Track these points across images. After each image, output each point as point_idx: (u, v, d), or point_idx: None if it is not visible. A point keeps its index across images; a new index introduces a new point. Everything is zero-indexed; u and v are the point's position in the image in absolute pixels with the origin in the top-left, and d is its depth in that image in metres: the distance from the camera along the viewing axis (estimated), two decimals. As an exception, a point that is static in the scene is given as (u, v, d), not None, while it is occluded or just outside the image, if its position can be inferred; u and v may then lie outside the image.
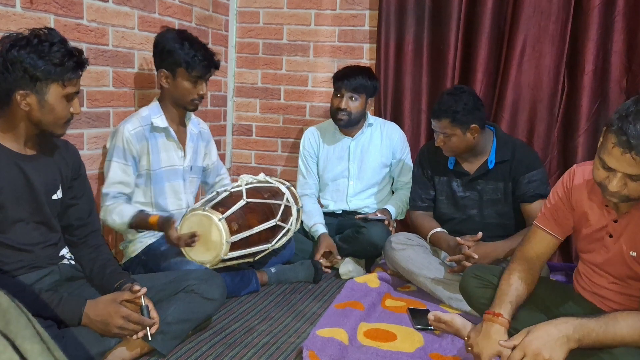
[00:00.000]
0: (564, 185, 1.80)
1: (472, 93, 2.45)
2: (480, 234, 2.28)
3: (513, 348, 1.54)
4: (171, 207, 2.39)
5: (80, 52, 1.65)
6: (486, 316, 1.68)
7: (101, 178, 2.39)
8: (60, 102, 1.61)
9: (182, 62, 2.26)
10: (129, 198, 2.28)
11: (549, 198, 1.87)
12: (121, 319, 1.59)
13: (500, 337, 1.60)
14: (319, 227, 2.79)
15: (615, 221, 1.66)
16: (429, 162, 2.64)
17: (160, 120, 2.32)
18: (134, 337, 1.64)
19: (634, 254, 1.62)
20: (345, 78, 2.80)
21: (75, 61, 1.61)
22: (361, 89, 2.79)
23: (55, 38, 1.60)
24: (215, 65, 2.36)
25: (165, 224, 2.12)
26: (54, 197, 1.73)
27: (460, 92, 2.41)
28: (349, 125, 2.86)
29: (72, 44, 2.21)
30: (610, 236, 1.68)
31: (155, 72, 2.39)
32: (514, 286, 1.74)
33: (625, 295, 1.70)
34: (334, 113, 2.85)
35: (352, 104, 2.79)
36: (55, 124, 1.64)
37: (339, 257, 2.70)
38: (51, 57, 1.56)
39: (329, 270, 2.73)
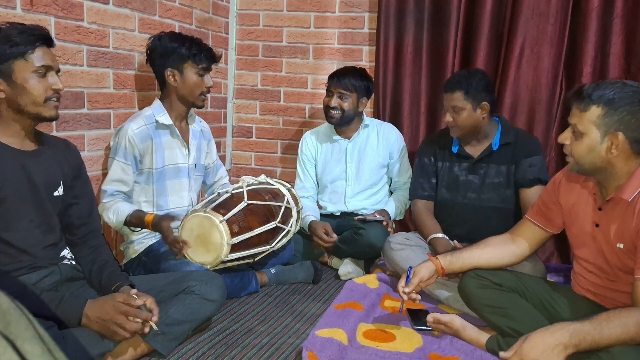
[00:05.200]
0: (555, 182, 1.91)
1: (486, 74, 2.55)
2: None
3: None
4: (172, 205, 2.39)
5: (40, 27, 1.64)
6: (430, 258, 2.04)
7: (103, 179, 2.40)
8: (30, 79, 1.59)
9: (188, 56, 2.32)
10: (127, 196, 2.29)
11: (541, 194, 1.99)
12: (120, 315, 1.59)
13: (428, 270, 1.99)
14: (309, 218, 2.78)
15: (600, 209, 1.72)
16: (432, 148, 2.68)
17: (165, 118, 2.35)
18: (139, 331, 1.62)
19: (621, 245, 1.66)
20: (335, 76, 2.85)
21: (32, 34, 1.60)
22: (351, 87, 2.80)
23: (15, 24, 1.61)
24: (218, 56, 2.44)
25: (158, 224, 2.12)
26: (56, 193, 1.73)
27: (475, 71, 2.54)
28: (341, 123, 2.88)
29: (73, 45, 2.22)
30: (597, 225, 1.73)
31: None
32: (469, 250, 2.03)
33: (620, 292, 1.72)
34: (325, 111, 2.89)
35: (341, 102, 2.81)
36: (36, 104, 1.61)
37: (335, 236, 2.68)
38: (7, 37, 1.57)
39: (332, 241, 2.67)
